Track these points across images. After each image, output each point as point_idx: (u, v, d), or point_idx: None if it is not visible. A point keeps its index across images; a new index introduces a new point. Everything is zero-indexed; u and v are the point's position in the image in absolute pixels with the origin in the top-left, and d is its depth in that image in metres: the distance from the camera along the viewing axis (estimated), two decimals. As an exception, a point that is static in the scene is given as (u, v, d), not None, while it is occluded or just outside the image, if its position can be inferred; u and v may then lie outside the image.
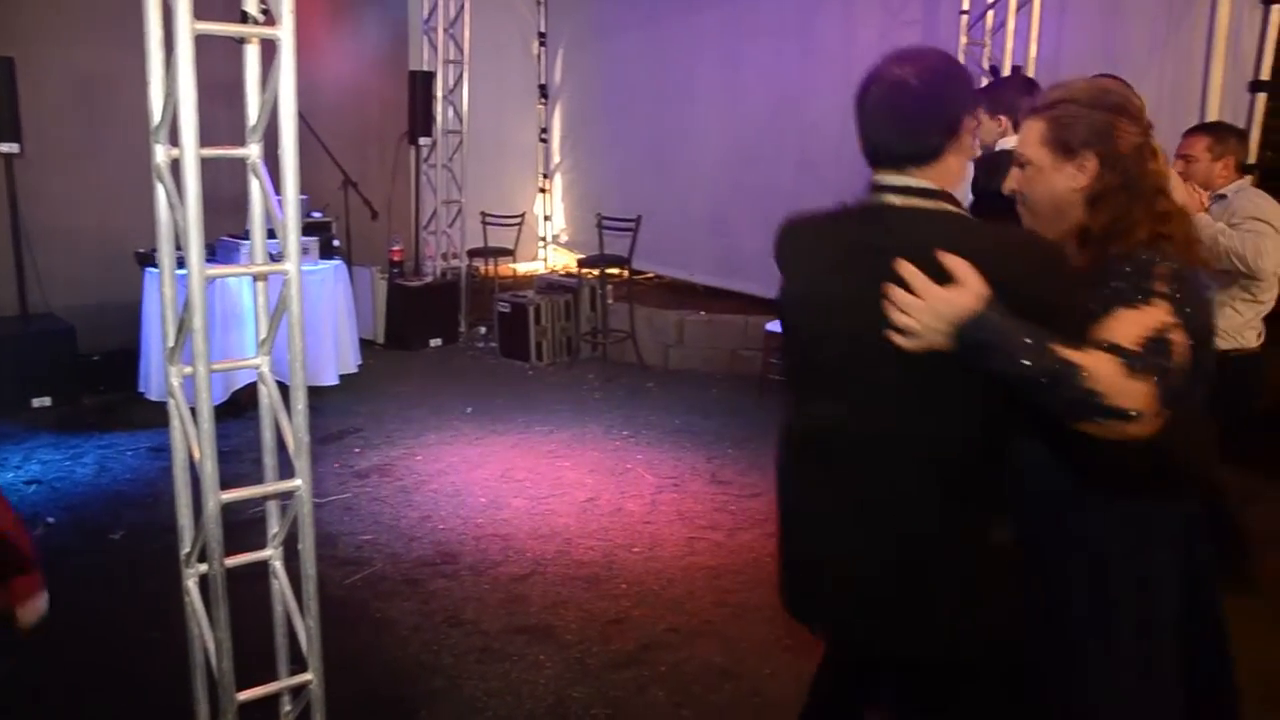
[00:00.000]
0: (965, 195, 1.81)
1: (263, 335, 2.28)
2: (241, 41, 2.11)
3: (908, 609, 1.88)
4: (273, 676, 2.45)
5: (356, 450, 5.67)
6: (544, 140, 10.01)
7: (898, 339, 1.67)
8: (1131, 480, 1.90)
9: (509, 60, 9.59)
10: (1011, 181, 1.98)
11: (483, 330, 8.55)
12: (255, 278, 2.36)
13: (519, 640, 3.62)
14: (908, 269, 1.65)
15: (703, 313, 7.73)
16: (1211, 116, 4.83)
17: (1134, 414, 1.57)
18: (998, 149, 3.53)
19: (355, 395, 6.64)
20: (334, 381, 6.52)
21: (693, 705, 3.26)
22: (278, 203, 2.13)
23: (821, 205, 1.93)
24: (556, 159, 10.03)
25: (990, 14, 5.36)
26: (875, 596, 1.91)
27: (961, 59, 5.19)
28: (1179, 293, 1.72)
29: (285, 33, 1.99)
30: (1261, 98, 4.88)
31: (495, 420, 6.29)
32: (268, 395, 2.33)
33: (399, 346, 8.07)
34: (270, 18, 2.03)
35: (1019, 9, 5.27)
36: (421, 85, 8.22)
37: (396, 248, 8.23)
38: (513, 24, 9.60)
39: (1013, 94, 3.58)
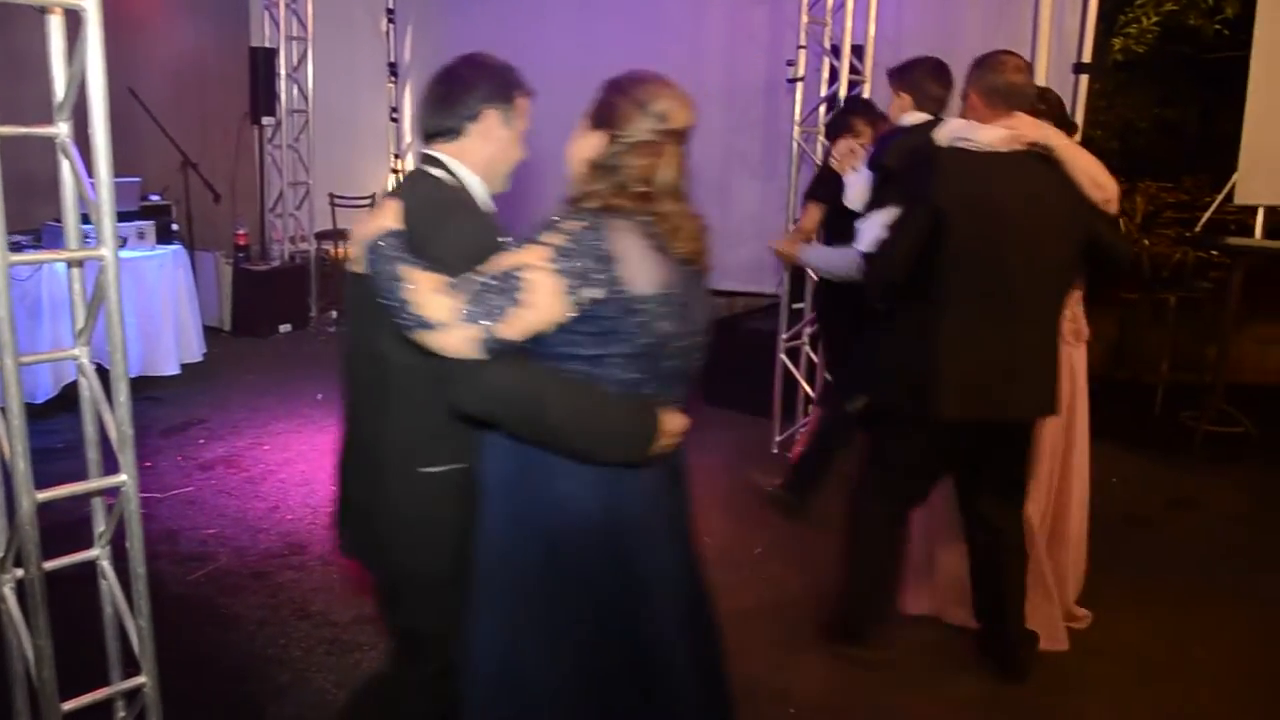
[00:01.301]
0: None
1: (80, 325, 2.17)
2: (43, 11, 1.99)
3: (374, 523, 2.16)
4: (108, 682, 2.35)
5: (200, 441, 5.46)
6: (395, 120, 9.76)
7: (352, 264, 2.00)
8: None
9: (356, 37, 9.29)
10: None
11: (334, 315, 8.34)
12: (70, 264, 2.25)
13: (370, 630, 3.54)
14: (376, 210, 1.99)
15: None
16: (1041, 96, 5.04)
17: (432, 324, 1.79)
18: (901, 123, 3.64)
19: (199, 385, 6.40)
20: (175, 371, 6.33)
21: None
22: (90, 185, 2.02)
23: None
24: (408, 139, 9.81)
25: (832, -6, 5.48)
26: (356, 512, 2.22)
27: (803, 38, 5.28)
28: (571, 246, 1.84)
29: (90, 2, 1.88)
30: (1085, 79, 5.12)
31: (348, 407, 6.13)
32: (88, 387, 2.22)
33: (247, 333, 7.82)
34: (75, -13, 1.91)
35: (859, -10, 5.40)
36: (263, 62, 7.94)
37: (242, 231, 7.95)
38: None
39: (918, 74, 3.69)
